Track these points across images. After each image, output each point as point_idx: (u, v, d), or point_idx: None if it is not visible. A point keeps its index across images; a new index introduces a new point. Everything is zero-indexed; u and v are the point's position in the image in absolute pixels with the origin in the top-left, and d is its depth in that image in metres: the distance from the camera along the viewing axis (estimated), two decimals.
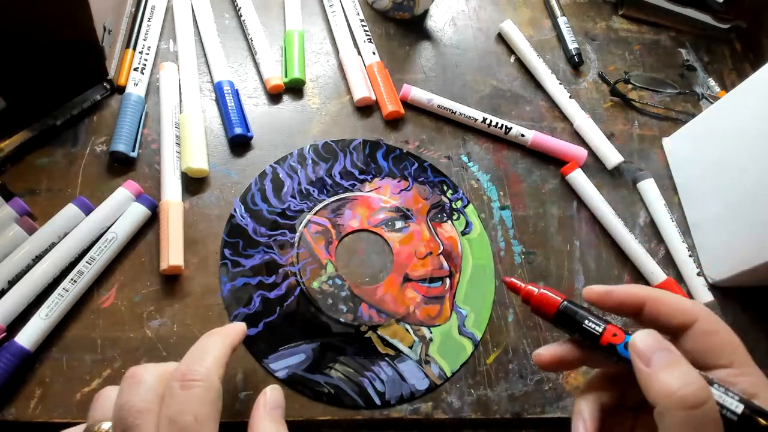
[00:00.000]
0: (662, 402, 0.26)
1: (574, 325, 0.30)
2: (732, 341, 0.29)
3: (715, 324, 0.29)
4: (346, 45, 0.51)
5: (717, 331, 0.29)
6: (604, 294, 0.30)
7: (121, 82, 0.45)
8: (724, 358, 0.29)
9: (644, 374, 0.27)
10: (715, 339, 0.29)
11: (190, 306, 0.39)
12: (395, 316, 0.41)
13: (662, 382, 0.26)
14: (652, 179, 0.49)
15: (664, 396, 0.26)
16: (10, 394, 0.34)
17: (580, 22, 0.59)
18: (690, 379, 0.26)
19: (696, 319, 0.29)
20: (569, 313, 0.30)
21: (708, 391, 0.26)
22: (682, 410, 0.25)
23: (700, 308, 0.30)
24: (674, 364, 0.27)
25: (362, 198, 0.45)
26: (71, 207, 0.39)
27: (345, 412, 0.37)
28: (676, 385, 0.26)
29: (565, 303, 0.30)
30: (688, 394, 0.25)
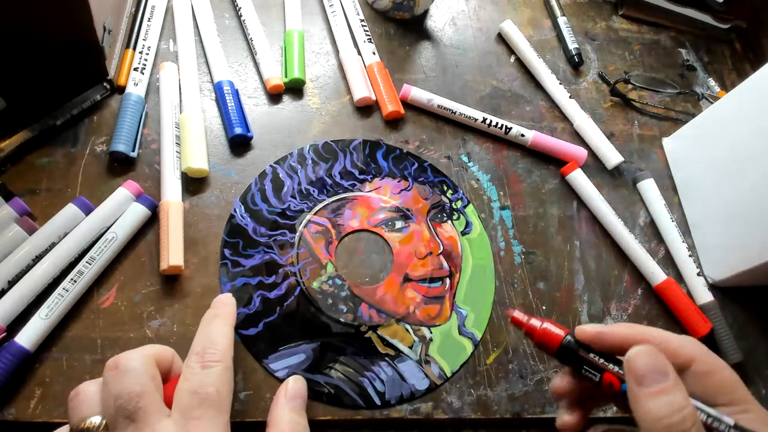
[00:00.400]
0: (647, 425, 0.27)
1: (577, 364, 0.30)
2: (730, 379, 0.29)
3: (711, 364, 0.29)
4: (346, 45, 0.51)
5: (714, 371, 0.29)
6: (595, 335, 0.31)
7: (121, 82, 0.45)
8: (722, 397, 0.29)
9: (634, 393, 0.28)
10: (713, 379, 0.29)
11: (190, 306, 0.39)
12: (395, 316, 0.41)
13: (650, 407, 0.27)
14: (652, 179, 0.49)
15: (650, 420, 0.27)
16: (10, 394, 0.34)
17: (580, 22, 0.59)
18: (676, 406, 0.26)
19: (693, 359, 0.29)
20: (572, 349, 0.31)
21: (693, 420, 0.26)
22: None
23: (695, 348, 0.30)
24: (664, 392, 0.27)
25: (362, 198, 0.45)
26: (71, 207, 0.39)
27: (345, 412, 0.37)
28: (663, 413, 0.26)
29: (568, 339, 0.31)
30: (673, 423, 0.26)
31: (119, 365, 0.28)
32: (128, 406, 0.27)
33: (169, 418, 0.27)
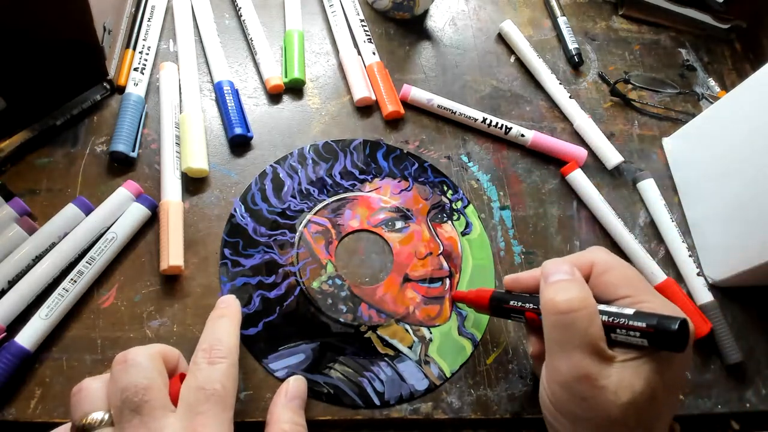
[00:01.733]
0: (543, 308, 0.31)
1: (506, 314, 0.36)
2: (627, 274, 0.32)
3: (609, 262, 0.33)
4: (346, 45, 0.51)
5: (611, 268, 0.33)
6: (513, 281, 0.36)
7: (121, 82, 0.45)
8: (622, 290, 0.32)
9: (541, 289, 0.32)
10: (611, 275, 0.32)
11: (190, 306, 0.39)
12: (395, 316, 0.41)
13: (548, 293, 0.31)
14: (652, 179, 0.49)
15: (544, 303, 0.31)
16: (10, 394, 0.34)
17: (580, 22, 0.59)
18: (570, 292, 0.30)
19: (592, 263, 0.33)
20: (497, 299, 0.36)
21: (582, 304, 0.30)
22: (555, 314, 0.30)
23: (595, 252, 0.34)
24: (562, 282, 0.31)
25: (362, 198, 0.45)
26: (71, 207, 0.39)
27: (344, 412, 0.37)
28: (553, 295, 0.31)
29: (494, 293, 0.37)
30: (560, 301, 0.30)
31: (127, 359, 0.29)
32: (135, 399, 0.27)
33: (174, 413, 0.28)
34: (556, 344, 0.30)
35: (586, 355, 0.29)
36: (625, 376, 0.28)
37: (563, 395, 0.30)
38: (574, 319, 0.29)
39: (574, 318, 0.29)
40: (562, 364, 0.29)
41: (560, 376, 0.30)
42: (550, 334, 0.30)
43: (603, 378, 0.28)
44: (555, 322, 0.30)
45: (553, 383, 0.30)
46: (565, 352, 0.29)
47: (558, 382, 0.30)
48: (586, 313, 0.29)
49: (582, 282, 0.31)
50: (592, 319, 0.29)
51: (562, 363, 0.29)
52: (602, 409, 0.28)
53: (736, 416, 0.43)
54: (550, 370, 0.31)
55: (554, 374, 0.30)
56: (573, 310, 0.29)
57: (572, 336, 0.29)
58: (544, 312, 0.31)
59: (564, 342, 0.29)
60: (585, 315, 0.29)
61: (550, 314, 0.30)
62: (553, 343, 0.30)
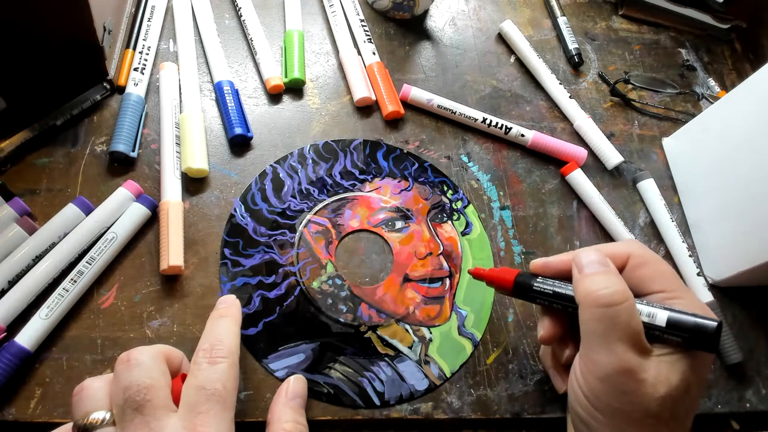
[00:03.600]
0: (582, 301, 0.30)
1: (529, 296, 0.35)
2: (662, 270, 0.32)
3: (645, 257, 0.32)
4: (346, 45, 0.51)
5: (647, 262, 0.32)
6: (543, 264, 0.35)
7: (121, 82, 0.45)
8: (656, 285, 0.32)
9: (576, 280, 0.31)
10: (646, 269, 0.32)
11: (190, 306, 0.39)
12: (395, 316, 0.41)
13: (586, 285, 0.30)
14: (652, 179, 0.49)
15: (584, 296, 0.30)
16: (10, 394, 0.34)
17: (580, 22, 0.59)
18: (609, 284, 0.30)
19: (629, 255, 0.33)
20: (523, 281, 0.35)
21: (624, 297, 0.29)
22: (596, 307, 0.29)
23: (631, 246, 0.33)
24: (600, 273, 0.31)
25: (362, 198, 0.45)
26: (71, 207, 0.39)
27: (344, 411, 0.37)
28: (596, 287, 0.30)
29: (521, 274, 0.35)
30: (602, 294, 0.29)
31: (131, 359, 0.29)
32: (137, 398, 0.27)
33: (175, 413, 0.28)
34: (596, 337, 0.29)
35: (628, 348, 0.29)
36: (662, 370, 0.29)
37: (602, 389, 0.29)
38: (616, 312, 0.29)
39: (617, 311, 0.29)
40: (602, 356, 0.29)
41: (600, 369, 0.29)
42: (590, 326, 0.30)
43: (642, 371, 0.28)
44: (596, 315, 0.29)
45: (592, 377, 0.30)
46: (606, 344, 0.29)
47: (597, 375, 0.29)
48: (627, 305, 0.29)
49: (618, 274, 0.31)
50: (633, 312, 0.29)
51: (602, 356, 0.29)
52: (640, 402, 0.28)
53: (736, 416, 0.43)
54: (589, 363, 0.30)
55: (593, 367, 0.30)
56: (615, 303, 0.29)
57: (614, 329, 0.29)
58: (582, 304, 0.30)
59: (605, 335, 0.29)
60: (627, 308, 0.29)
61: (590, 307, 0.30)
62: (591, 335, 0.30)
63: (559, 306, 0.33)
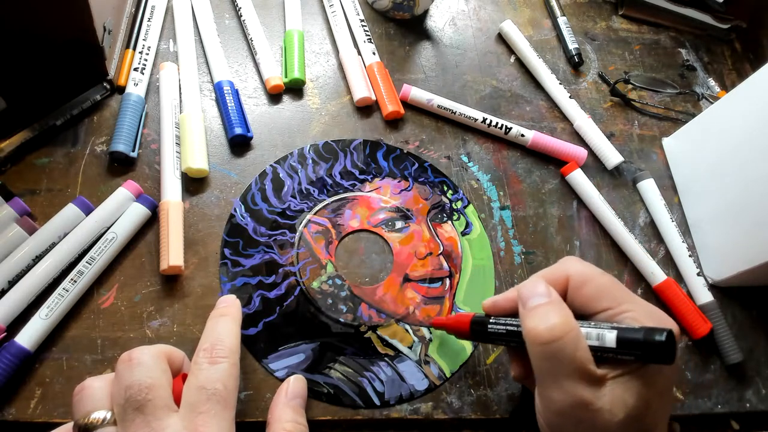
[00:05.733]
0: (527, 339, 0.30)
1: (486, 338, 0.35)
2: (604, 284, 0.31)
3: (584, 274, 0.32)
4: (346, 45, 0.51)
5: (587, 280, 0.32)
6: (492, 305, 0.35)
7: (121, 82, 0.45)
8: (602, 302, 0.31)
9: (521, 316, 0.31)
10: (588, 288, 0.31)
11: (190, 306, 0.39)
12: (395, 316, 0.41)
13: (527, 322, 0.30)
14: (652, 179, 0.49)
15: (526, 333, 0.30)
16: (10, 394, 0.34)
17: (580, 22, 0.59)
18: (549, 318, 0.29)
19: (567, 276, 0.32)
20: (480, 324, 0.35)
21: (563, 330, 0.28)
22: (539, 345, 0.29)
23: (569, 265, 0.33)
24: (540, 307, 0.30)
25: (362, 198, 0.45)
26: (71, 207, 0.39)
27: (344, 412, 0.37)
28: (535, 324, 0.29)
29: (474, 318, 0.35)
30: (542, 331, 0.29)
31: (132, 358, 0.29)
32: (138, 397, 0.27)
33: (176, 413, 0.28)
34: (545, 374, 0.29)
35: (577, 382, 0.28)
36: (617, 393, 0.28)
37: (561, 422, 0.29)
38: (559, 347, 0.28)
39: (560, 346, 0.28)
40: (554, 393, 0.29)
41: (554, 404, 0.29)
42: (538, 364, 0.29)
43: (597, 400, 0.28)
44: (541, 353, 0.29)
45: (548, 412, 0.30)
46: (555, 381, 0.29)
47: (553, 411, 0.29)
48: (570, 338, 0.28)
49: (560, 304, 0.30)
50: (577, 343, 0.28)
51: (554, 392, 0.29)
52: (600, 429, 0.28)
53: (736, 416, 0.43)
54: (544, 399, 0.30)
55: (548, 403, 0.29)
56: (557, 338, 0.28)
57: (560, 364, 0.28)
58: (528, 342, 0.30)
59: (553, 371, 0.29)
60: (570, 340, 0.28)
61: (534, 345, 0.29)
62: (542, 373, 0.29)
63: (514, 344, 0.32)
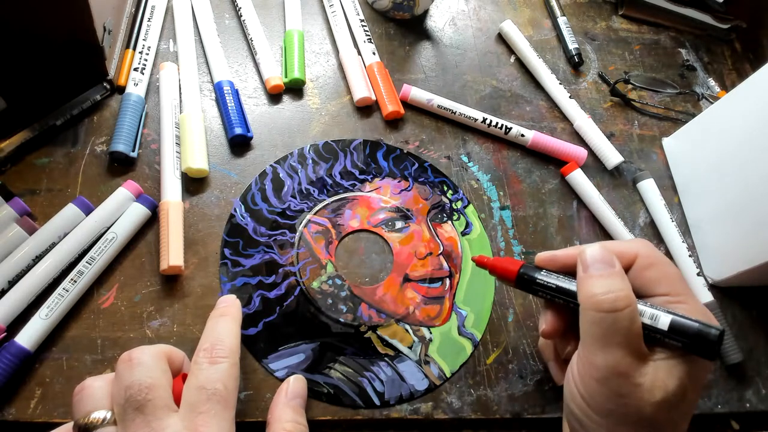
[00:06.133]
0: (583, 303, 0.30)
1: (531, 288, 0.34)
2: (669, 272, 0.32)
3: (652, 258, 0.32)
4: (346, 45, 0.51)
5: (654, 264, 0.32)
6: (550, 257, 0.34)
7: (121, 82, 0.45)
8: (661, 287, 0.31)
9: (579, 278, 0.31)
10: (653, 271, 0.32)
11: (190, 306, 0.39)
12: (395, 316, 0.41)
13: (588, 287, 0.30)
14: (652, 179, 0.49)
15: (585, 298, 0.30)
16: (10, 394, 0.34)
17: (580, 22, 0.59)
18: (612, 288, 0.29)
19: (636, 255, 0.32)
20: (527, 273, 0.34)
21: (626, 303, 0.29)
22: (596, 312, 0.29)
23: (639, 245, 0.33)
24: (605, 276, 0.30)
25: (362, 198, 0.45)
26: (71, 207, 0.39)
27: (344, 412, 0.37)
28: (598, 291, 0.29)
29: (524, 266, 0.35)
30: (604, 299, 0.29)
31: (132, 358, 0.29)
32: (138, 397, 0.27)
33: (176, 413, 0.28)
34: (594, 339, 0.29)
35: (626, 353, 0.28)
36: (660, 375, 0.29)
37: (599, 390, 0.29)
38: (617, 318, 0.29)
39: (618, 317, 0.29)
40: (599, 359, 0.29)
41: (597, 371, 0.29)
42: (589, 329, 0.30)
43: (639, 376, 0.28)
44: (596, 319, 0.29)
45: (589, 378, 0.30)
46: (604, 348, 0.29)
47: (594, 377, 0.29)
48: (629, 311, 0.29)
49: (624, 277, 0.30)
50: (634, 318, 0.29)
51: (599, 358, 0.29)
52: (636, 405, 0.28)
53: (736, 416, 0.43)
54: (586, 364, 0.30)
55: (590, 369, 0.30)
56: (617, 309, 0.29)
57: (613, 334, 0.29)
58: (583, 306, 0.30)
59: (604, 338, 0.29)
60: (628, 314, 0.29)
61: (590, 310, 0.29)
62: (590, 338, 0.30)
63: (562, 301, 0.33)
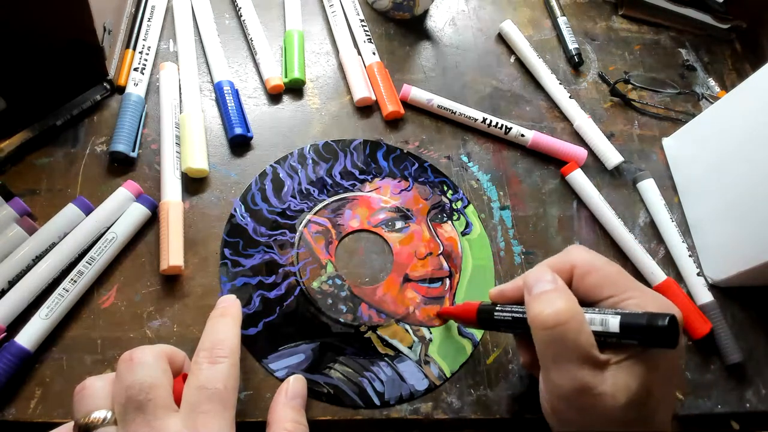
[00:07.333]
0: (532, 324, 0.30)
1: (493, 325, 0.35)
2: (609, 273, 0.32)
3: (590, 263, 0.32)
4: (346, 45, 0.51)
5: (592, 269, 0.32)
6: (498, 293, 0.35)
7: (121, 82, 0.45)
8: (605, 290, 0.31)
9: (526, 302, 0.31)
10: (593, 276, 0.32)
11: (190, 306, 0.39)
12: (395, 316, 0.41)
13: (533, 308, 0.30)
14: (652, 179, 0.49)
15: (532, 319, 0.30)
16: (10, 394, 0.34)
17: (580, 22, 0.59)
18: (553, 303, 0.30)
19: (573, 266, 0.33)
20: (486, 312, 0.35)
21: (568, 315, 0.29)
22: (543, 329, 0.29)
23: (574, 254, 0.33)
24: (546, 293, 0.30)
25: (362, 198, 0.45)
26: (71, 207, 0.39)
27: (344, 412, 0.37)
28: (540, 309, 0.30)
29: (481, 306, 0.36)
30: (547, 315, 0.29)
31: (133, 358, 0.29)
32: (139, 397, 0.27)
33: (177, 413, 0.28)
34: (549, 359, 0.30)
35: (581, 366, 0.28)
36: (620, 378, 0.28)
37: (564, 407, 0.30)
38: (563, 331, 0.29)
39: (564, 330, 0.29)
40: (557, 378, 0.29)
41: (558, 389, 0.30)
42: (542, 349, 0.30)
43: (599, 385, 0.28)
44: (545, 338, 0.29)
45: (552, 397, 0.30)
46: (559, 365, 0.29)
47: (556, 395, 0.30)
48: (574, 323, 0.29)
49: (566, 290, 0.31)
50: (580, 328, 0.29)
51: (557, 377, 0.29)
52: (603, 414, 0.29)
53: (736, 416, 0.43)
54: (548, 384, 0.30)
55: (552, 388, 0.30)
56: (561, 323, 0.29)
57: (564, 349, 0.29)
58: (532, 327, 0.30)
59: (556, 356, 0.29)
60: (574, 326, 0.29)
61: (538, 330, 0.30)
62: (545, 357, 0.30)
63: (521, 331, 0.33)
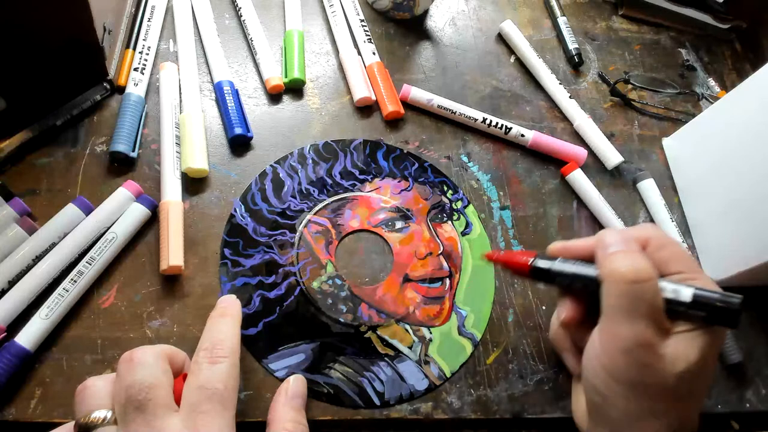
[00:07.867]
0: (608, 277, 0.31)
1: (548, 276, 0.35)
2: (680, 252, 0.34)
3: (663, 240, 0.34)
4: (346, 45, 0.51)
5: (665, 245, 0.33)
6: (562, 248, 0.36)
7: (121, 82, 0.45)
8: (675, 266, 0.33)
9: (602, 257, 0.32)
10: (665, 252, 0.33)
11: (190, 306, 0.39)
12: (395, 316, 0.41)
13: (612, 262, 0.31)
14: (652, 179, 0.49)
15: (609, 272, 0.31)
16: (10, 394, 0.34)
17: (580, 22, 0.59)
18: (635, 262, 0.31)
19: (649, 238, 0.34)
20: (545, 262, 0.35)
21: (649, 275, 0.30)
22: (622, 283, 0.30)
23: (650, 229, 0.34)
24: (627, 252, 0.32)
25: (362, 198, 0.45)
26: (71, 207, 0.39)
27: (344, 412, 0.37)
28: (622, 264, 0.31)
29: (538, 257, 0.36)
30: (629, 271, 0.30)
31: (134, 358, 0.29)
32: (139, 397, 0.27)
33: (176, 413, 0.28)
34: (619, 311, 0.30)
35: (650, 324, 0.30)
36: (681, 347, 0.30)
37: (623, 361, 0.30)
38: (641, 288, 0.30)
39: (642, 288, 0.30)
40: (624, 330, 0.30)
41: (622, 342, 0.30)
42: (615, 301, 0.31)
43: (663, 347, 0.30)
44: (622, 291, 0.30)
45: (613, 349, 0.31)
46: (629, 319, 0.30)
47: (619, 348, 0.30)
48: (652, 284, 0.30)
49: (644, 254, 0.32)
50: (656, 290, 0.30)
51: (624, 329, 0.30)
52: (659, 376, 0.30)
53: (736, 416, 0.43)
54: (610, 336, 0.31)
55: (615, 341, 0.31)
56: (642, 280, 0.30)
57: (639, 305, 0.30)
58: (608, 280, 0.31)
59: (630, 310, 0.30)
60: (652, 286, 0.30)
61: (616, 282, 0.31)
62: (615, 310, 0.31)
63: (579, 285, 0.34)
